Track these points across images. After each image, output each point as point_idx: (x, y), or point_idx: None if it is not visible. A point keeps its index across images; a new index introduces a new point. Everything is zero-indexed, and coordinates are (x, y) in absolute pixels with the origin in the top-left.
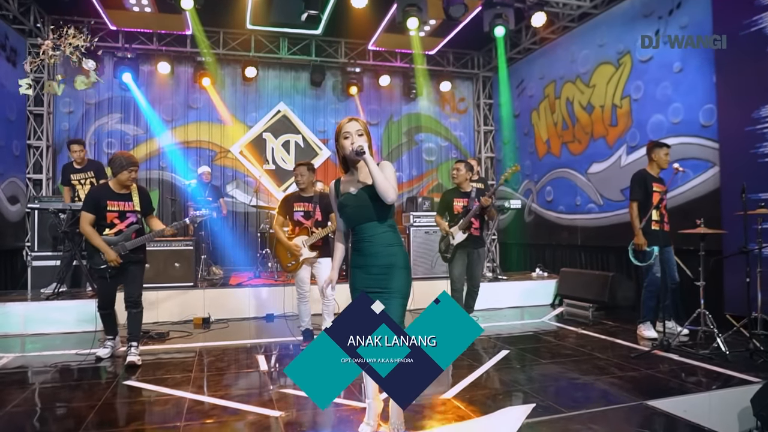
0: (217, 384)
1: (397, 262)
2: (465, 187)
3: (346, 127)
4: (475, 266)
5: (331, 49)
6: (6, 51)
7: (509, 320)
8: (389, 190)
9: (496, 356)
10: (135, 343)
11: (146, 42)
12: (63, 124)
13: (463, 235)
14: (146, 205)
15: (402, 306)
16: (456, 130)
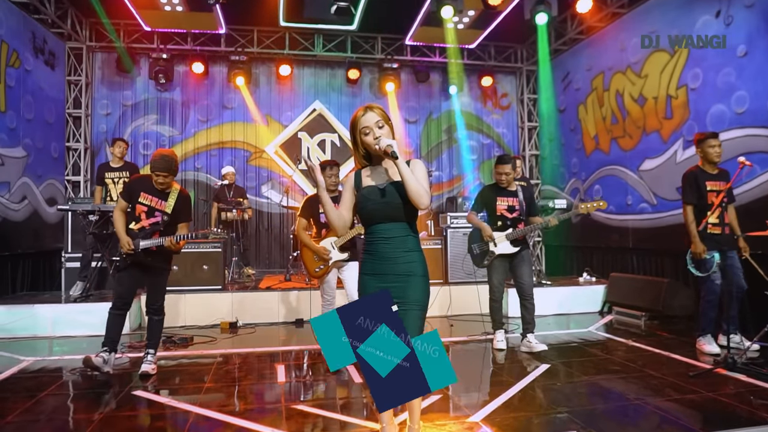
0: (228, 397)
1: (416, 269)
2: (512, 185)
3: (364, 120)
4: (521, 269)
5: (367, 45)
6: (44, 55)
7: (552, 329)
8: (423, 194)
9: (535, 371)
10: (152, 351)
11: (181, 42)
12: (101, 126)
13: (510, 248)
14: (181, 211)
15: (420, 319)
16: (498, 127)
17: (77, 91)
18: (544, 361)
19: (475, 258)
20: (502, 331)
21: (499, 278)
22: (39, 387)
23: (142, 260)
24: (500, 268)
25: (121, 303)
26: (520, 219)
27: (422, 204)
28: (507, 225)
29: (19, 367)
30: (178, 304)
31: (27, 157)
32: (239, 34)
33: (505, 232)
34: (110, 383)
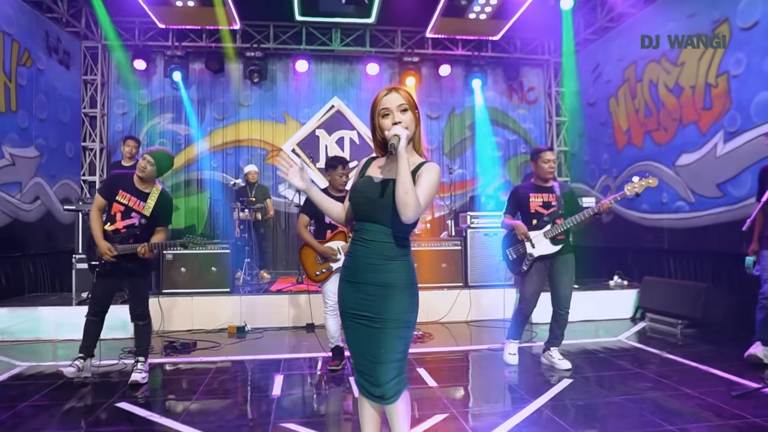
0: (216, 412)
1: (396, 280)
2: (546, 180)
3: (385, 101)
4: (561, 278)
5: (387, 39)
6: (59, 54)
7: (578, 338)
8: (407, 205)
9: (554, 387)
10: (142, 359)
11: (196, 39)
12: (117, 126)
13: (551, 247)
14: (159, 215)
15: (399, 338)
16: (525, 122)
17: (93, 90)
18: (566, 375)
19: (511, 264)
20: (516, 343)
21: (535, 288)
22: (22, 396)
23: (120, 266)
24: (537, 278)
25: (97, 309)
26: (558, 215)
27: (403, 216)
28: (544, 222)
29: (12, 372)
30: (185, 308)
31: (40, 157)
32: (255, 30)
33: (542, 230)
34: (96, 394)
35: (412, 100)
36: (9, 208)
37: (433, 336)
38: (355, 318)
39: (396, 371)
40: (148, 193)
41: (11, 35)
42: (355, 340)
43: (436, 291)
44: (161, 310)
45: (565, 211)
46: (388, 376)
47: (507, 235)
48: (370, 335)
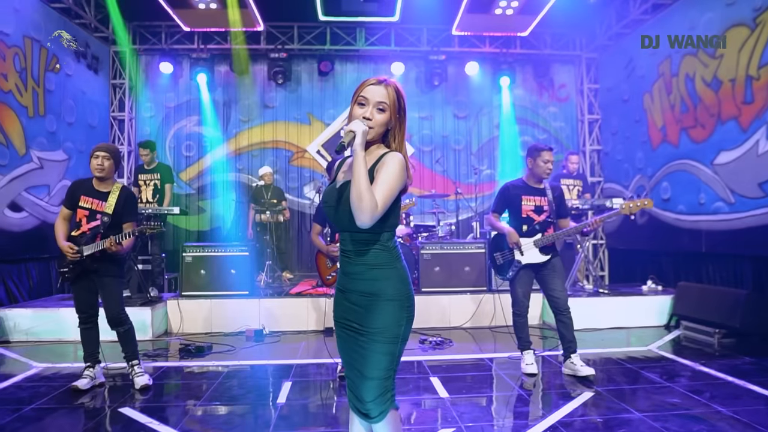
0: (215, 420)
1: (382, 289)
2: (539, 181)
3: (367, 90)
4: (552, 280)
5: (412, 38)
6: (87, 59)
7: (606, 346)
8: (361, 210)
9: (572, 401)
10: (136, 362)
11: (221, 42)
12: (145, 129)
13: (540, 256)
14: (123, 211)
15: (384, 354)
16: (556, 121)
17: (121, 94)
18: (586, 388)
19: (497, 268)
20: (530, 352)
21: (525, 290)
22: (31, 399)
23: (88, 267)
24: (526, 279)
25: (84, 317)
26: (549, 222)
27: (357, 220)
28: (534, 229)
29: (26, 374)
30: (204, 310)
31: (68, 160)
32: (279, 31)
33: (532, 238)
34: (102, 398)
35: (397, 101)
36: (37, 211)
37: (453, 342)
38: (344, 327)
39: (381, 389)
40: (108, 192)
41: (39, 41)
42: (344, 351)
43: (458, 295)
44: (180, 312)
45: (557, 212)
46: (371, 394)
47: (495, 238)
48: (357, 347)
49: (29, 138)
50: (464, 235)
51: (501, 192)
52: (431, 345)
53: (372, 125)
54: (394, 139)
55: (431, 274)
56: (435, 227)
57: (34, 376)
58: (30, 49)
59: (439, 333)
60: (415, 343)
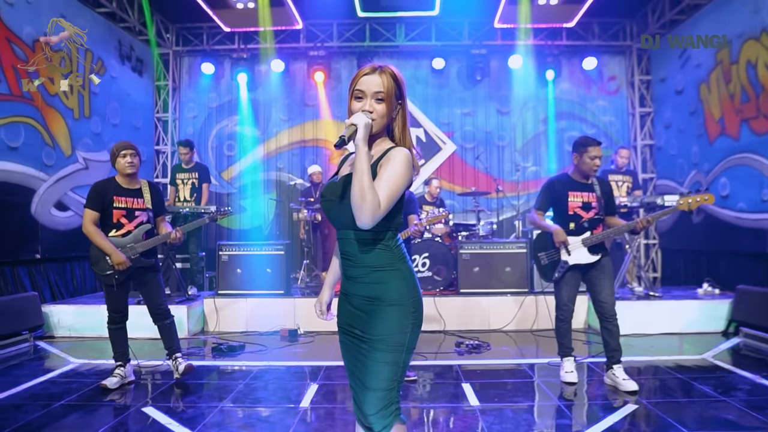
0: (235, 422)
1: (385, 293)
2: (587, 177)
3: (363, 82)
4: (600, 283)
5: (453, 32)
6: (131, 61)
7: (655, 354)
8: (362, 209)
9: (612, 415)
10: (179, 354)
11: (261, 41)
12: (188, 129)
13: (589, 257)
14: (158, 204)
15: (386, 364)
16: (605, 115)
17: (165, 95)
18: (631, 400)
19: (542, 270)
20: (571, 359)
21: (570, 293)
22: (61, 395)
23: (137, 264)
24: (572, 281)
25: (118, 317)
26: (598, 219)
27: (358, 220)
28: (583, 227)
29: (63, 370)
30: (239, 309)
31: None
32: (318, 29)
33: (581, 237)
34: (129, 397)
35: (395, 88)
36: (82, 210)
37: (491, 346)
38: (347, 334)
39: (384, 402)
40: (139, 188)
41: (84, 45)
42: (348, 359)
43: (498, 297)
44: (216, 311)
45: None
46: (373, 407)
47: (539, 237)
48: (359, 356)
49: (75, 139)
50: (507, 235)
51: (545, 188)
52: (467, 348)
53: (374, 117)
54: (396, 129)
55: (470, 275)
56: (475, 226)
57: (69, 372)
58: (75, 53)
59: (477, 336)
60: (450, 347)
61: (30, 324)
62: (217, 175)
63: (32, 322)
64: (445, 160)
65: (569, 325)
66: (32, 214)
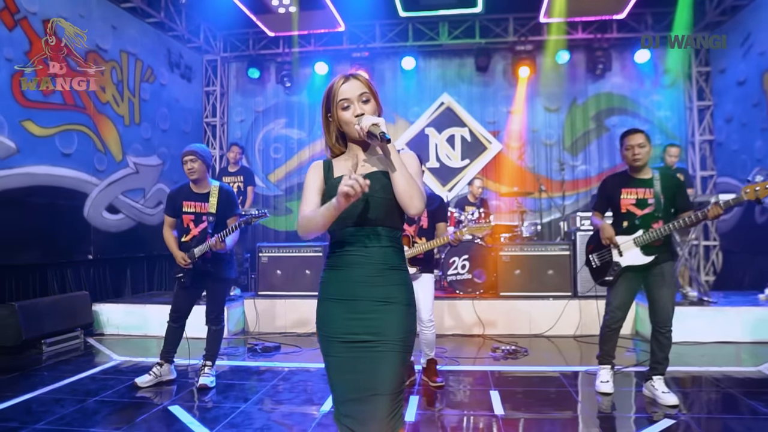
0: (252, 425)
1: (398, 295)
2: (643, 172)
3: (343, 91)
4: (659, 292)
5: (498, 29)
6: (180, 69)
7: (705, 364)
8: (416, 194)
9: (646, 429)
10: (209, 363)
11: (305, 45)
12: (236, 133)
13: (642, 258)
14: (224, 208)
15: (401, 365)
16: (660, 110)
17: (214, 100)
18: (670, 414)
19: (594, 272)
20: (608, 368)
21: (622, 300)
22: (97, 391)
23: (201, 268)
24: (627, 286)
25: (176, 316)
26: (654, 217)
27: (413, 208)
28: (635, 225)
29: (104, 366)
30: (279, 310)
31: (162, 165)
32: (361, 30)
33: (633, 236)
34: (159, 395)
35: (372, 87)
36: (133, 213)
37: (528, 351)
38: (347, 345)
39: (396, 406)
40: (207, 193)
41: (135, 55)
42: (345, 373)
43: (540, 301)
44: (256, 312)
45: (668, 206)
46: (384, 411)
47: (592, 238)
48: (367, 363)
49: (125, 145)
50: (553, 237)
51: (600, 186)
52: (503, 353)
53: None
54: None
55: (511, 278)
56: (517, 227)
57: (109, 368)
58: (126, 62)
59: (516, 341)
60: (485, 351)
61: (81, 322)
62: (263, 177)
63: (83, 319)
64: (491, 160)
65: (615, 333)
66: (85, 217)
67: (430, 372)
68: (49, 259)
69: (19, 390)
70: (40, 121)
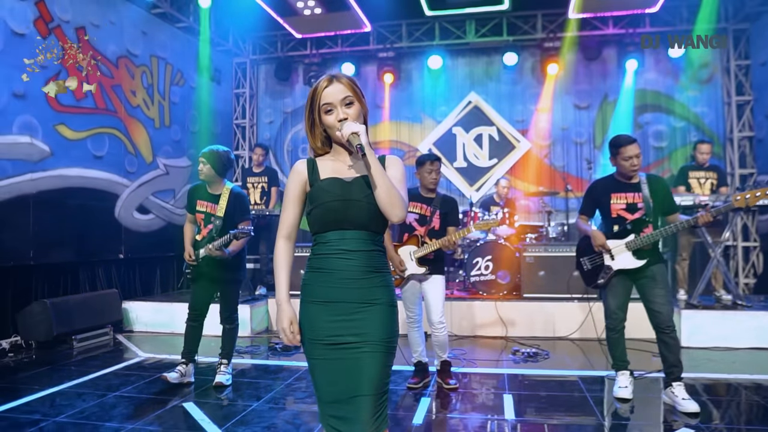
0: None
1: (381, 296)
2: (629, 177)
3: (326, 94)
4: (652, 291)
5: (526, 26)
6: (210, 71)
7: (735, 371)
8: (397, 202)
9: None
10: (225, 361)
11: (332, 46)
12: (265, 134)
13: (633, 261)
14: (232, 212)
15: (385, 366)
16: (697, 106)
17: (243, 102)
18: (690, 423)
19: (585, 276)
20: (626, 373)
21: (619, 301)
22: (118, 386)
23: (206, 271)
24: (620, 288)
25: (193, 314)
26: (645, 221)
27: (395, 216)
28: (627, 230)
29: (129, 362)
30: None
31: (191, 167)
32: (387, 30)
33: (624, 240)
34: (176, 391)
35: (356, 89)
36: (163, 213)
37: (549, 355)
38: (330, 347)
39: (380, 408)
40: (219, 195)
41: (165, 59)
42: (329, 375)
43: (564, 303)
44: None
45: (657, 209)
46: (368, 412)
47: (581, 242)
48: (351, 364)
49: (156, 147)
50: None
51: (588, 191)
52: (523, 356)
53: (353, 120)
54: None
55: (534, 279)
56: (543, 227)
57: (133, 364)
58: (156, 66)
59: (539, 343)
60: (505, 354)
61: (111, 319)
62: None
63: (113, 317)
64: (519, 158)
65: (621, 336)
66: (116, 218)
67: (443, 374)
68: (81, 258)
69: (46, 383)
70: (73, 124)
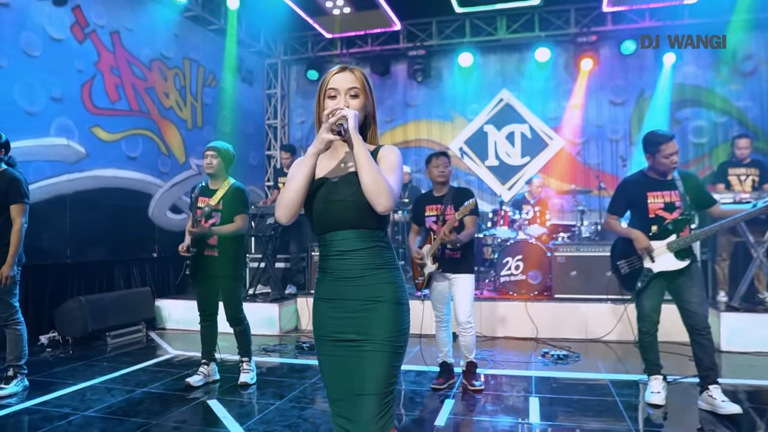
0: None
1: (385, 293)
2: (665, 175)
3: (334, 81)
4: (689, 291)
5: (559, 21)
6: (242, 73)
7: None
8: (380, 191)
9: None
10: (246, 359)
11: (362, 45)
12: (296, 134)
13: (676, 263)
14: (231, 205)
15: (389, 366)
16: (739, 100)
17: (275, 102)
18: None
19: (623, 279)
20: (659, 378)
21: (654, 303)
22: (146, 382)
23: (202, 269)
24: (656, 290)
25: (204, 315)
26: (686, 220)
27: (380, 205)
28: (667, 230)
29: (158, 359)
30: None
31: None
32: (418, 28)
33: (666, 241)
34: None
35: (366, 83)
36: None
37: (580, 357)
38: (336, 344)
39: (384, 408)
40: (216, 189)
41: (197, 61)
42: (334, 372)
43: (598, 303)
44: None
45: (693, 205)
46: (372, 411)
47: (618, 243)
48: (355, 362)
49: (188, 147)
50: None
51: (619, 189)
52: (552, 359)
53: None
54: (370, 128)
55: (566, 279)
56: (575, 227)
57: (162, 361)
58: (188, 68)
59: (570, 345)
60: (535, 356)
61: (144, 316)
62: None
63: (146, 314)
64: (553, 157)
65: (654, 339)
66: (149, 217)
67: (469, 375)
68: (115, 256)
69: (79, 378)
70: (108, 126)
